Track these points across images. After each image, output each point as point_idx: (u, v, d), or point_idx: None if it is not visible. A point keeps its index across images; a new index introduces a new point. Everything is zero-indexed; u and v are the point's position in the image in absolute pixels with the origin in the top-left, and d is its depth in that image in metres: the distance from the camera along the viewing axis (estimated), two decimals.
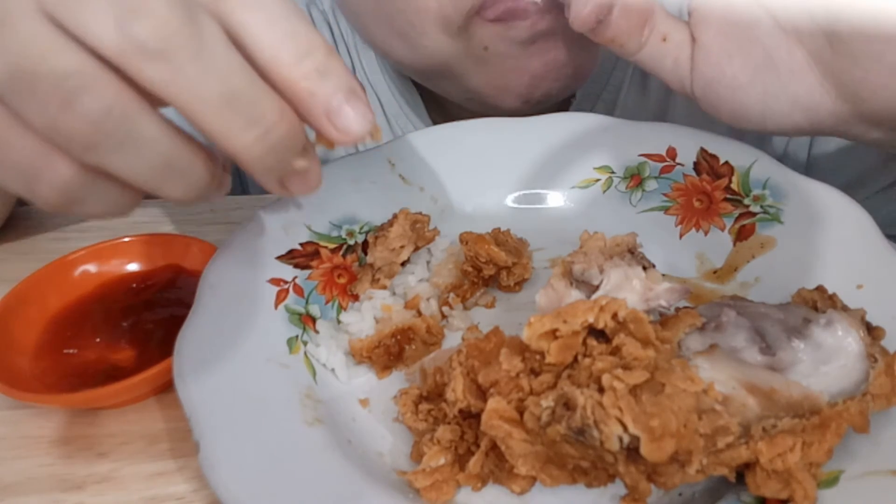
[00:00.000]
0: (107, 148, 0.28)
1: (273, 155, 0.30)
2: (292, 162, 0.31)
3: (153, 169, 0.29)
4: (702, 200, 0.51)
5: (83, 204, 0.31)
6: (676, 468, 0.32)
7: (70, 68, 0.26)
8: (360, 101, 0.31)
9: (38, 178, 0.29)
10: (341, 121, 0.30)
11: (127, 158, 0.28)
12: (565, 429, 0.31)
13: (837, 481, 0.33)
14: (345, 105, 0.30)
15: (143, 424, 0.41)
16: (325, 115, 0.30)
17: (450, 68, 0.59)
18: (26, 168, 0.29)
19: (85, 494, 0.38)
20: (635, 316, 0.33)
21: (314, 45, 0.30)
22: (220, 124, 0.28)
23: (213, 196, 0.33)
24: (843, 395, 0.34)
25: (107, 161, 0.28)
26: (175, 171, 0.30)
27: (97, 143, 0.28)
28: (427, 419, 0.38)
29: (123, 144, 0.28)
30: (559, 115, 0.56)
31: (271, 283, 0.45)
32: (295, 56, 0.29)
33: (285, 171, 0.32)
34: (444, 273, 0.49)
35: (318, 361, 0.43)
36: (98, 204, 0.31)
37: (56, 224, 0.59)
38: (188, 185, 0.31)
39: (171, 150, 0.29)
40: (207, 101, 0.28)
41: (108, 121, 0.27)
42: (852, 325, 0.36)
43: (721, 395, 0.32)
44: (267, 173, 0.31)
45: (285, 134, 0.30)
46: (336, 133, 0.31)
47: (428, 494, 0.35)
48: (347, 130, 0.31)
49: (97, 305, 0.46)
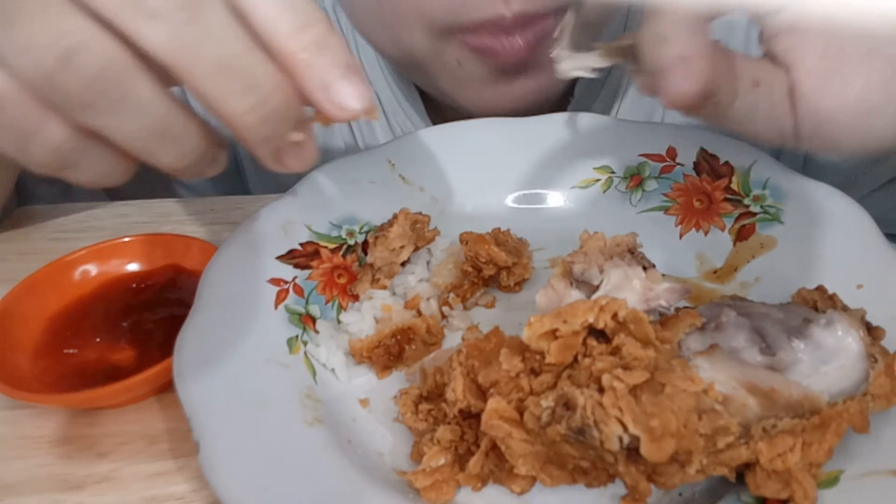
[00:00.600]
0: (101, 108, 0.28)
1: (268, 125, 0.30)
2: (287, 134, 0.31)
3: (146, 132, 0.29)
4: (702, 200, 0.51)
5: (76, 168, 0.30)
6: (676, 468, 0.32)
7: (67, 26, 0.26)
8: (357, 78, 0.30)
9: (31, 138, 0.29)
10: (338, 96, 0.30)
11: (121, 120, 0.28)
12: (565, 429, 0.31)
13: (837, 481, 0.33)
14: (342, 80, 0.30)
15: (143, 424, 0.41)
16: (321, 89, 0.30)
17: (424, 66, 0.58)
18: (20, 128, 0.29)
19: (85, 494, 0.38)
20: (635, 316, 0.33)
21: (313, 18, 0.29)
22: (216, 90, 0.28)
23: (207, 170, 0.33)
24: (843, 395, 0.34)
25: (101, 122, 0.28)
26: (168, 136, 0.30)
27: (92, 102, 0.27)
28: (427, 419, 0.38)
29: (118, 105, 0.28)
30: (559, 115, 0.56)
31: (271, 283, 0.45)
32: (294, 28, 0.29)
33: (280, 144, 0.31)
34: (444, 273, 0.49)
35: (318, 361, 0.43)
36: (90, 169, 0.31)
37: (56, 224, 0.59)
38: (181, 152, 0.30)
39: (164, 114, 0.29)
40: (204, 65, 0.27)
41: (104, 80, 0.27)
42: (852, 325, 0.36)
43: (721, 395, 0.32)
44: (262, 144, 0.31)
45: (281, 104, 0.29)
46: (332, 108, 0.30)
47: (428, 494, 0.35)
48: (343, 106, 0.30)
49: (97, 305, 0.46)
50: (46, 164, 0.30)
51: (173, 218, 0.59)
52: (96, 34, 0.27)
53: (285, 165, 0.33)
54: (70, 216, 0.60)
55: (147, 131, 0.29)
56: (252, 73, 0.29)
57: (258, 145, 0.31)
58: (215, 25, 0.28)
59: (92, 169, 0.31)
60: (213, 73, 0.28)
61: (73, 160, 0.30)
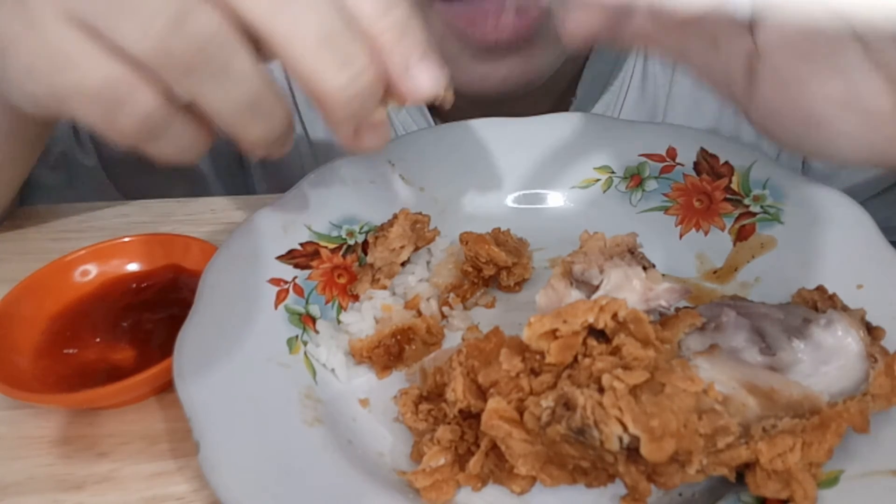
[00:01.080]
0: (205, 74, 0.29)
1: (359, 100, 0.31)
2: (372, 111, 0.32)
3: (241, 105, 0.30)
4: (702, 200, 0.51)
5: (159, 140, 0.31)
6: (676, 468, 0.32)
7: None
8: (433, 62, 0.32)
9: (120, 106, 0.29)
10: (417, 78, 0.32)
11: (220, 89, 0.29)
12: (565, 429, 0.31)
13: (837, 481, 0.33)
14: (420, 63, 0.31)
15: (143, 424, 0.41)
16: (402, 71, 0.31)
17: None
18: (109, 97, 0.29)
19: (85, 494, 0.38)
20: (635, 316, 0.33)
21: (396, 2, 0.31)
22: (316, 63, 0.29)
23: (279, 150, 0.34)
24: (843, 395, 0.34)
25: (201, 90, 0.29)
26: (260, 111, 0.31)
27: (198, 68, 0.28)
28: (427, 419, 0.38)
29: (220, 73, 0.29)
30: (559, 115, 0.56)
31: (271, 283, 0.45)
32: (379, 9, 0.30)
33: (364, 121, 0.33)
34: (444, 273, 0.49)
35: (318, 361, 0.43)
36: (172, 142, 0.32)
37: (56, 224, 0.59)
38: (268, 128, 0.32)
39: (259, 88, 0.30)
40: (306, 38, 0.29)
41: (212, 45, 0.28)
42: (852, 325, 0.36)
43: (721, 395, 0.33)
44: (348, 120, 0.32)
45: (373, 79, 0.31)
46: (411, 89, 0.32)
47: (428, 494, 0.35)
48: (422, 86, 0.32)
49: (97, 305, 0.46)
50: (132, 135, 0.30)
51: (173, 218, 0.59)
52: (204, 2, 0.28)
53: (362, 144, 0.34)
54: (70, 216, 0.60)
55: (241, 103, 0.30)
56: (348, 49, 0.30)
57: (343, 122, 0.32)
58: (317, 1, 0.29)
59: (174, 142, 0.32)
60: (315, 46, 0.29)
61: (157, 132, 0.31)
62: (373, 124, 0.33)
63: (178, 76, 0.29)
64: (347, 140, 0.34)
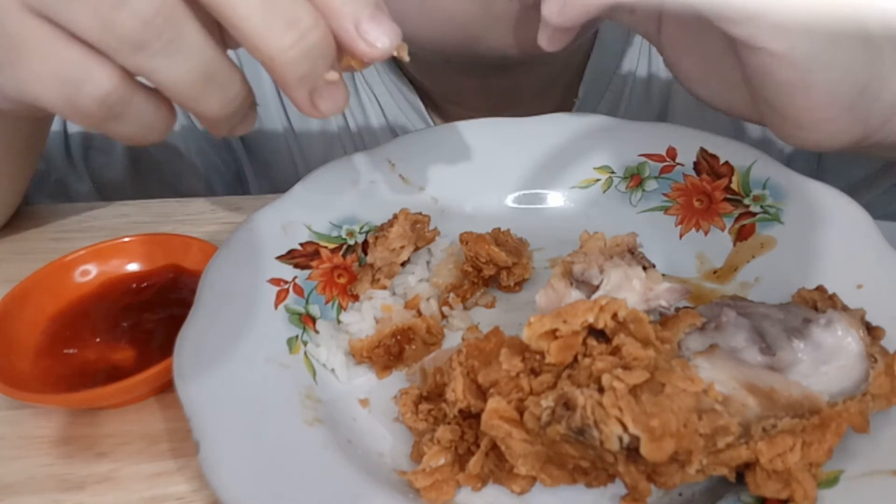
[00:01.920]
0: (155, 49, 0.29)
1: (307, 61, 0.31)
2: (324, 73, 0.32)
3: (194, 77, 0.30)
4: (702, 200, 0.51)
5: (120, 120, 0.32)
6: (676, 468, 0.32)
7: None
8: (385, 17, 0.32)
9: (79, 88, 0.30)
10: (369, 34, 0.31)
11: (172, 63, 0.30)
12: (565, 429, 0.31)
13: (837, 481, 0.33)
14: (371, 19, 0.31)
15: (143, 424, 0.41)
16: (354, 28, 0.31)
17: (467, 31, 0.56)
18: (68, 78, 0.30)
19: (85, 494, 0.38)
20: (635, 316, 0.33)
21: None
22: (261, 25, 0.29)
23: (240, 127, 0.34)
24: (843, 395, 0.34)
25: (152, 65, 0.30)
26: (214, 83, 0.31)
27: (146, 42, 0.29)
28: (427, 419, 0.38)
29: (170, 47, 0.29)
30: (559, 115, 0.56)
31: (271, 283, 0.45)
32: None
33: (316, 83, 0.32)
34: (444, 273, 0.49)
35: (318, 361, 0.43)
36: (134, 122, 0.32)
37: (56, 224, 0.59)
38: (224, 100, 0.32)
39: (212, 60, 0.31)
40: (249, 2, 0.29)
41: (159, 19, 0.28)
42: (852, 325, 0.36)
43: (721, 395, 0.33)
44: (299, 83, 0.32)
45: (319, 40, 0.31)
46: (364, 46, 0.32)
47: (428, 494, 0.35)
48: (375, 43, 0.32)
49: (97, 305, 0.46)
50: (93, 116, 0.31)
51: (173, 218, 0.59)
52: None
53: (319, 108, 0.34)
54: (70, 216, 0.60)
55: (195, 75, 0.30)
56: (293, 10, 0.30)
57: (296, 85, 0.32)
58: None
59: (136, 121, 0.32)
60: (257, 8, 0.29)
61: (118, 111, 0.31)
62: (327, 87, 0.33)
63: (127, 53, 0.29)
64: (304, 105, 0.33)
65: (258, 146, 0.77)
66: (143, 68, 0.30)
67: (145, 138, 0.33)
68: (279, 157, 0.77)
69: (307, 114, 0.34)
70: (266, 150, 0.77)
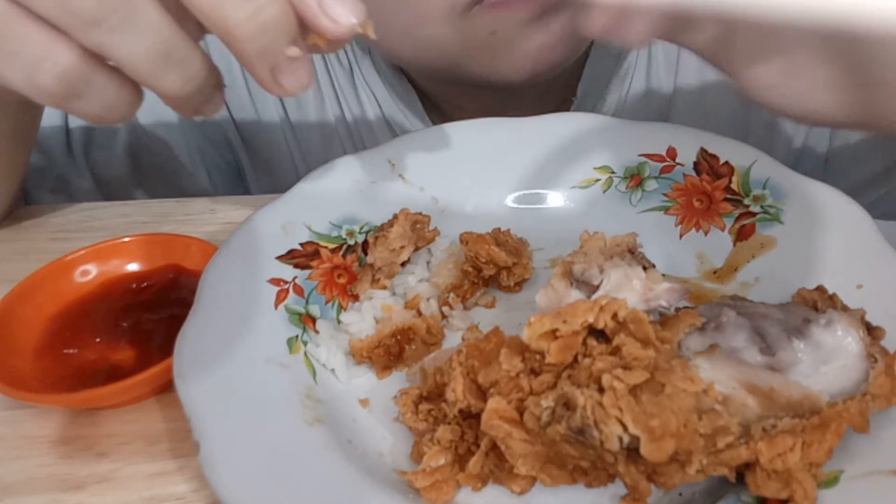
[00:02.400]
0: (110, 25, 0.29)
1: (265, 35, 0.30)
2: (284, 48, 0.31)
3: (152, 53, 0.30)
4: (702, 200, 0.51)
5: (82, 97, 0.31)
6: (676, 468, 0.32)
7: None
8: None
9: (39, 66, 0.30)
10: (333, 9, 0.31)
11: (128, 39, 0.29)
12: (565, 429, 0.31)
13: (837, 481, 0.33)
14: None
15: (143, 424, 0.41)
16: (316, 3, 0.31)
17: (449, 57, 0.57)
18: (27, 57, 0.30)
19: (85, 494, 0.38)
20: (635, 316, 0.33)
21: None
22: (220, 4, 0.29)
23: (206, 107, 0.34)
24: (843, 395, 0.34)
25: (109, 42, 0.29)
26: (173, 59, 0.31)
27: (101, 19, 0.29)
28: (427, 419, 0.38)
29: (126, 22, 0.29)
30: (559, 115, 0.56)
31: (271, 283, 0.45)
32: None
33: (277, 60, 0.32)
34: (444, 273, 0.49)
35: (318, 361, 0.43)
36: (96, 99, 0.32)
37: (56, 224, 0.59)
38: (184, 77, 0.31)
39: (170, 36, 0.30)
40: None
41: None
42: (852, 325, 0.36)
43: (721, 395, 0.33)
44: (259, 58, 0.31)
45: (277, 14, 0.30)
46: (328, 22, 0.31)
47: (428, 494, 0.35)
48: (339, 20, 0.31)
49: (97, 305, 0.46)
50: (54, 93, 0.31)
51: (173, 218, 0.59)
52: None
53: (282, 85, 0.33)
54: (70, 216, 0.60)
55: (153, 52, 0.30)
56: None
57: (256, 60, 0.31)
58: None
59: (98, 99, 0.32)
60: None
61: (79, 88, 0.31)
62: (290, 64, 0.32)
63: (83, 30, 0.29)
64: (265, 82, 0.33)
65: (258, 145, 0.77)
66: (100, 45, 0.30)
67: (110, 117, 0.33)
68: (279, 156, 0.77)
69: (269, 91, 0.33)
70: (266, 149, 0.77)
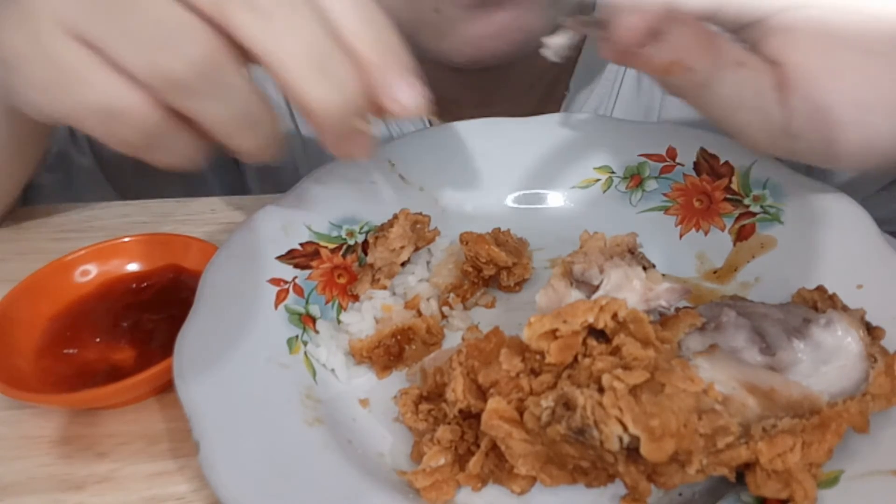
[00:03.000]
0: (201, 92, 0.30)
1: (338, 112, 0.33)
2: (355, 121, 0.34)
3: (235, 117, 0.32)
4: (702, 200, 0.51)
5: (158, 149, 0.33)
6: (676, 468, 0.32)
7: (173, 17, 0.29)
8: (414, 80, 0.34)
9: (121, 118, 0.31)
10: (399, 93, 0.33)
11: (215, 104, 0.31)
12: (565, 429, 0.31)
13: (837, 481, 0.32)
14: (401, 81, 0.33)
15: (143, 424, 0.41)
16: (385, 86, 0.33)
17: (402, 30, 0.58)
18: (110, 109, 0.31)
19: (85, 494, 0.38)
20: (635, 316, 0.33)
21: (377, 19, 0.33)
22: (303, 79, 0.31)
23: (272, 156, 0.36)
24: (843, 395, 0.34)
25: (197, 105, 0.31)
26: (252, 121, 0.33)
27: (192, 87, 0.30)
28: (427, 419, 0.38)
29: (215, 89, 0.31)
30: (559, 115, 0.56)
31: (271, 283, 0.45)
32: (362, 25, 0.32)
33: (348, 130, 0.34)
34: (444, 273, 0.49)
35: (318, 361, 0.43)
36: (172, 151, 0.33)
37: (56, 224, 0.59)
38: (260, 137, 0.34)
39: (252, 101, 0.32)
40: (294, 57, 0.31)
41: (206, 66, 0.30)
42: (852, 325, 0.36)
43: (721, 395, 0.33)
44: (332, 129, 0.34)
45: (355, 92, 0.32)
46: (393, 104, 0.34)
47: (428, 494, 0.35)
48: (404, 103, 0.34)
49: (97, 305, 0.46)
50: (132, 144, 0.32)
51: (173, 218, 0.59)
52: (198, 24, 0.30)
53: (346, 151, 0.36)
54: (70, 216, 0.60)
55: (235, 116, 0.32)
56: (333, 62, 0.32)
57: (329, 130, 0.34)
58: (304, 19, 0.31)
59: (173, 151, 0.33)
60: (299, 64, 0.31)
61: (157, 142, 0.32)
62: (355, 134, 0.35)
63: (170, 93, 0.30)
64: (332, 147, 0.35)
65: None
66: (185, 108, 0.31)
67: (181, 165, 0.34)
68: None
69: (333, 152, 0.36)
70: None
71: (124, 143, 0.32)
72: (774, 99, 0.37)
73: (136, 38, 0.30)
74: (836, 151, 0.38)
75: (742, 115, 0.38)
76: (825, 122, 0.37)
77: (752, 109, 0.38)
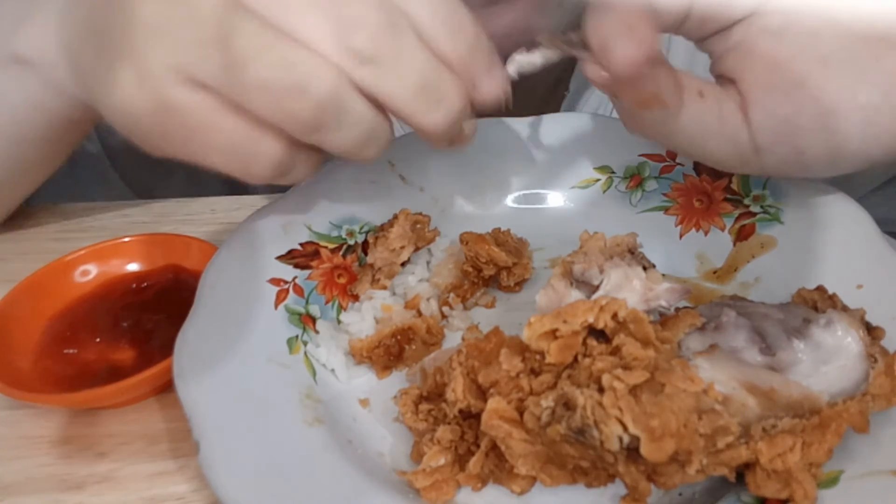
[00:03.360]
0: (327, 128, 0.32)
1: (451, 129, 0.35)
2: (463, 126, 0.37)
3: (358, 139, 0.34)
4: (702, 200, 0.51)
5: (289, 174, 0.35)
6: (676, 468, 0.32)
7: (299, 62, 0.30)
8: (499, 69, 0.36)
9: (252, 157, 0.33)
10: (487, 86, 0.35)
11: (340, 134, 0.33)
12: (565, 429, 0.31)
13: (837, 481, 0.32)
14: (488, 74, 0.35)
15: (143, 424, 0.41)
16: (479, 85, 0.35)
17: None
18: (240, 150, 0.32)
19: (85, 494, 0.38)
20: (635, 316, 0.33)
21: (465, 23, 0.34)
22: (416, 108, 0.33)
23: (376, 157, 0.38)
24: (843, 395, 0.34)
25: (322, 139, 0.33)
26: (373, 138, 0.35)
27: (321, 125, 0.32)
28: (427, 419, 0.38)
29: (340, 123, 0.32)
30: (559, 115, 0.56)
31: (271, 283, 0.45)
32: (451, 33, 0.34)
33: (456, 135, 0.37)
34: (444, 273, 0.49)
35: (318, 361, 0.43)
36: (301, 171, 0.35)
37: (56, 224, 0.59)
38: (379, 148, 0.36)
39: (373, 123, 0.34)
40: (406, 91, 0.33)
41: (331, 104, 0.31)
42: (852, 325, 0.36)
43: (721, 395, 0.32)
44: (443, 138, 0.36)
45: (462, 108, 0.35)
46: (483, 99, 0.36)
47: (428, 494, 0.35)
48: (490, 95, 0.36)
49: (97, 305, 0.46)
50: (266, 177, 0.34)
51: (173, 218, 0.59)
52: (323, 66, 0.31)
53: (451, 147, 0.39)
54: (70, 216, 0.60)
55: (358, 138, 0.34)
56: (441, 89, 0.34)
57: (440, 140, 0.36)
58: (413, 57, 0.33)
59: (302, 171, 0.36)
60: (413, 96, 0.33)
61: (287, 170, 0.34)
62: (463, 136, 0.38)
63: (299, 132, 0.32)
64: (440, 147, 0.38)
65: None
66: (312, 140, 0.33)
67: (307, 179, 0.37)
68: None
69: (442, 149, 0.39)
70: None
71: (259, 178, 0.34)
72: (739, 119, 0.38)
73: (259, 81, 0.30)
74: (805, 161, 0.38)
75: (710, 143, 0.39)
76: (789, 133, 0.37)
77: (718, 136, 0.39)
